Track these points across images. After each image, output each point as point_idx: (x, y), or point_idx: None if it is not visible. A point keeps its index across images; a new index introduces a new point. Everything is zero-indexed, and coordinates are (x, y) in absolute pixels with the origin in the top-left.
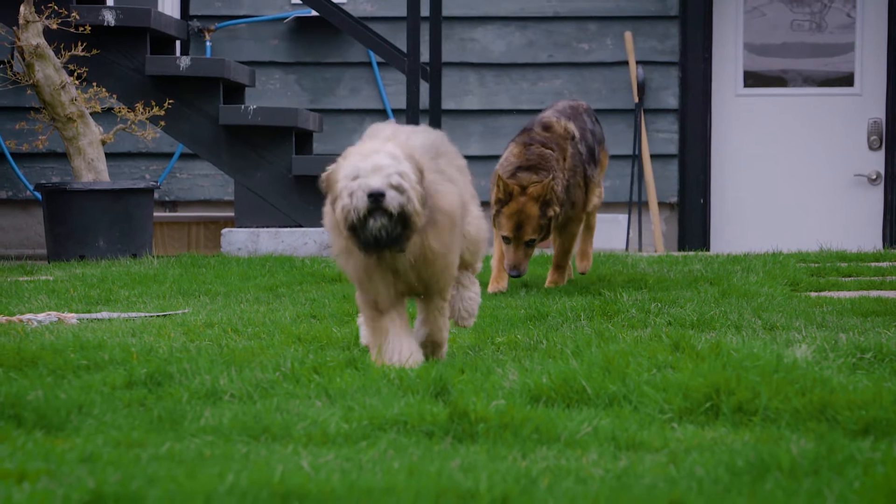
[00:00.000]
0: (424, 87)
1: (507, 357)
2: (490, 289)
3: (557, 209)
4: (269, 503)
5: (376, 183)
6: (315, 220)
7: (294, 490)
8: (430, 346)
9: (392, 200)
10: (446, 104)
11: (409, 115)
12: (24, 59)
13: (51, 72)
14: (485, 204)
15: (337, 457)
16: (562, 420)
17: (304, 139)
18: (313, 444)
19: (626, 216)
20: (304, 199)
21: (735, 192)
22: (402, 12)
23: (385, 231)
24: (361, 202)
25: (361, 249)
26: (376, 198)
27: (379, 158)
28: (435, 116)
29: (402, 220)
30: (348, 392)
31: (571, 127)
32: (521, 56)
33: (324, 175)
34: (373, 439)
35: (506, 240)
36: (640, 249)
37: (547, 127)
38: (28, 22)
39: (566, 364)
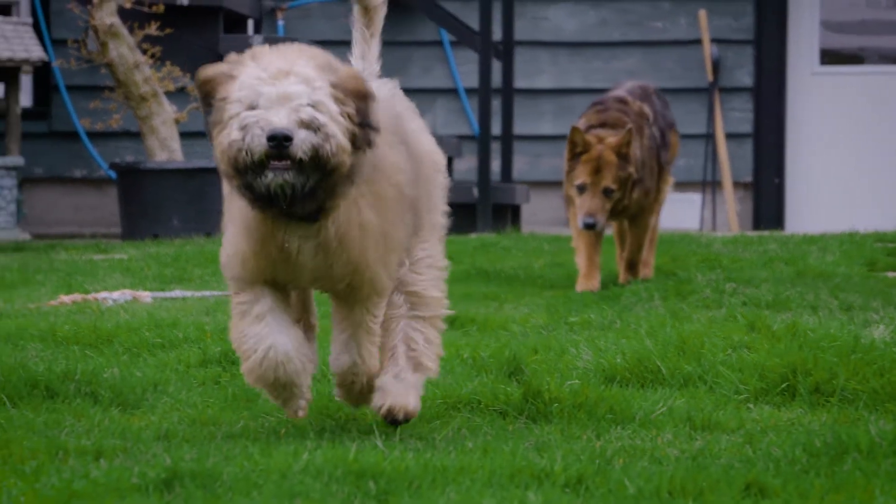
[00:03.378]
0: (496, 67)
1: (581, 337)
2: (578, 287)
3: (633, 171)
4: (344, 482)
5: (280, 120)
6: None
7: (368, 468)
8: (350, 385)
9: (302, 143)
10: (518, 83)
11: (482, 93)
12: (98, 38)
13: (125, 51)
14: (556, 185)
15: (410, 435)
16: (636, 400)
17: None
18: (386, 423)
19: (700, 196)
20: None
21: (811, 171)
22: None
23: (290, 187)
24: (258, 144)
25: (252, 203)
26: (279, 142)
27: (288, 83)
28: (507, 95)
29: (318, 168)
30: None
31: (646, 109)
32: (593, 35)
33: (204, 75)
34: (446, 418)
35: (580, 188)
36: (714, 229)
37: (622, 101)
38: (102, 0)
39: (640, 344)
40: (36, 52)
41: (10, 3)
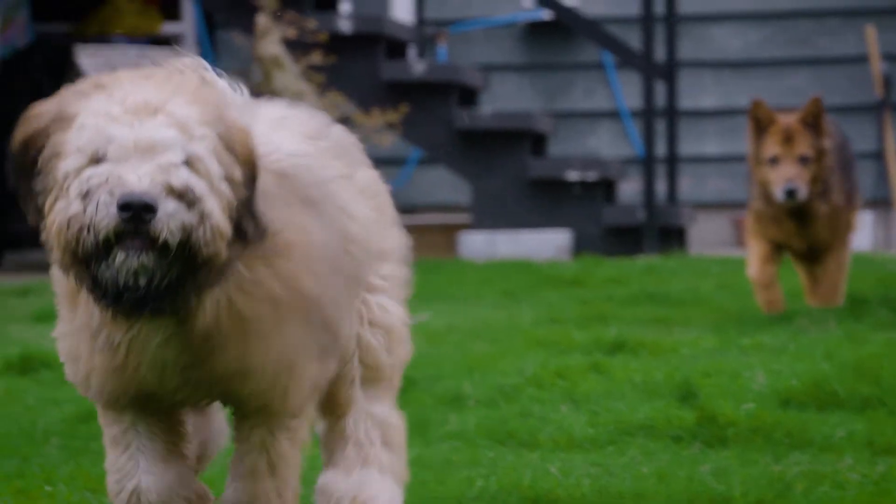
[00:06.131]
0: (660, 88)
1: (754, 360)
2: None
3: (827, 146)
4: None
5: (140, 180)
6: (552, 223)
7: (543, 495)
8: None
9: (169, 220)
10: (682, 104)
11: (646, 115)
12: (262, 68)
13: (289, 80)
14: (726, 207)
15: (584, 462)
16: (814, 424)
17: (538, 142)
18: (559, 450)
19: (872, 215)
20: (540, 201)
21: None
22: (635, 12)
23: (146, 275)
24: (105, 216)
25: (97, 299)
26: (137, 213)
27: (155, 126)
28: (671, 116)
29: (185, 258)
30: (592, 396)
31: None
32: (758, 53)
33: (23, 135)
34: (620, 444)
35: (773, 161)
36: (887, 248)
37: None
38: (266, 31)
39: (816, 367)
40: None
41: (177, 36)
